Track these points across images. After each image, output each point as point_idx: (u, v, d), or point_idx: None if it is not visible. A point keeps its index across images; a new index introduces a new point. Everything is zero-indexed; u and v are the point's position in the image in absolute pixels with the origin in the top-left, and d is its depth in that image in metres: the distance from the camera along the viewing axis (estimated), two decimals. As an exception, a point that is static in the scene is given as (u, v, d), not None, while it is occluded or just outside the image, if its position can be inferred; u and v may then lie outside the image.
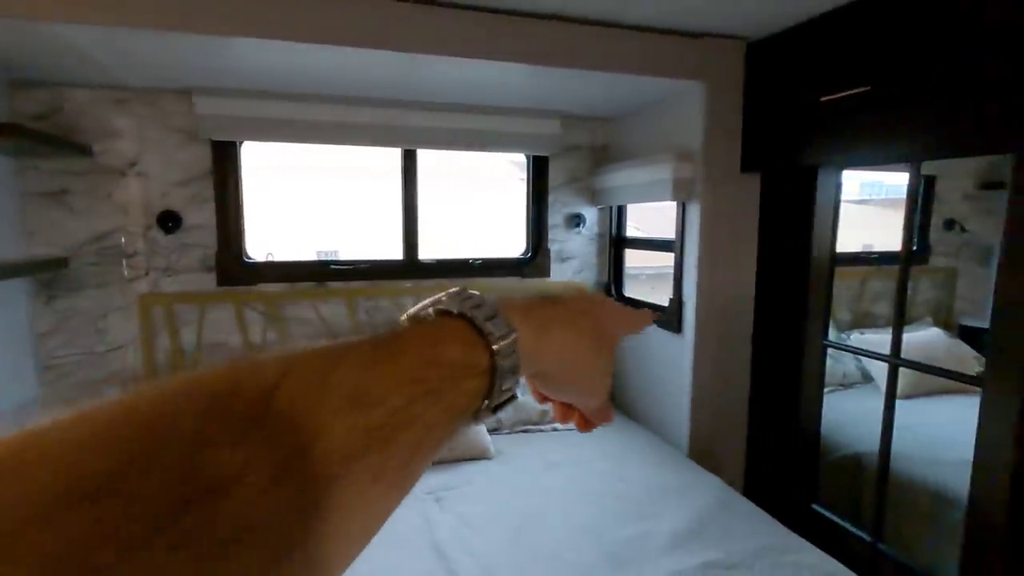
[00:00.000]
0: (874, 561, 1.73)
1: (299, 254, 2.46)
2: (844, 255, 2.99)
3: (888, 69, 1.57)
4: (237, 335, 2.29)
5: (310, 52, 1.67)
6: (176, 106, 2.12)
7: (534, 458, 2.05)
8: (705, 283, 2.13)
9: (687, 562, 1.43)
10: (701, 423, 2.19)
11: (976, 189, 3.63)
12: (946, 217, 3.61)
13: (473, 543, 1.52)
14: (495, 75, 1.97)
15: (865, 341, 2.95)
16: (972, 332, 3.53)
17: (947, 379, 2.64)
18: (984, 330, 3.53)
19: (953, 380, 2.55)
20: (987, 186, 3.60)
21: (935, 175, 3.47)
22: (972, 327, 3.59)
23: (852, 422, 2.44)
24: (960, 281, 3.71)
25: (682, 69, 2.00)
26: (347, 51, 1.65)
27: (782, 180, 2.12)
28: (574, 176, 2.73)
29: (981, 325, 3.50)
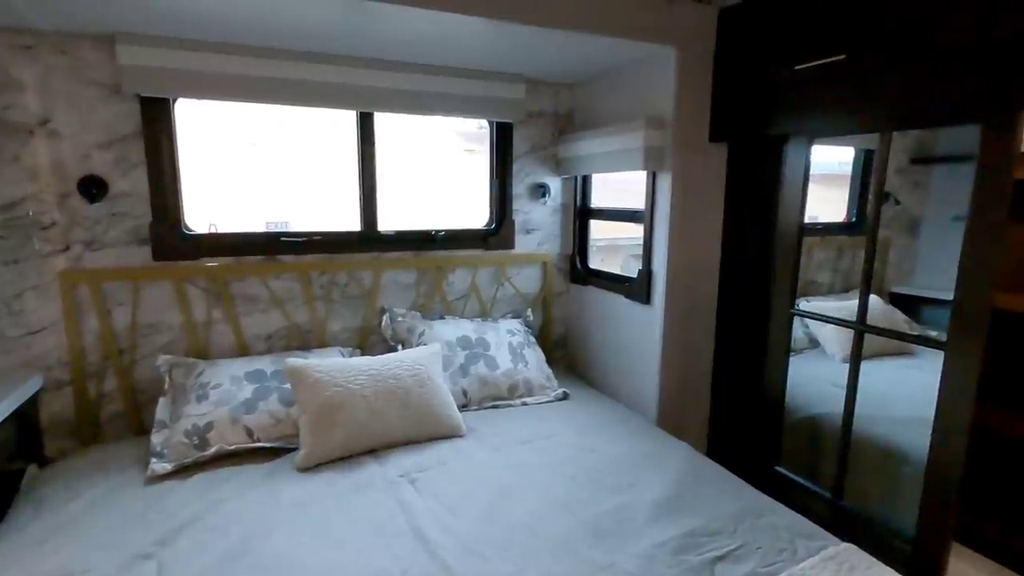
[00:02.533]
0: (836, 517, 1.82)
1: (246, 226, 2.25)
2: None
3: (864, 38, 1.57)
4: (178, 314, 2.09)
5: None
6: (95, 55, 1.86)
7: (505, 434, 2.00)
8: (675, 254, 2.12)
9: (670, 531, 1.43)
10: (669, 392, 2.22)
11: (908, 163, 3.83)
12: (880, 190, 3.79)
13: (452, 523, 1.46)
14: (455, 30, 1.84)
15: (812, 308, 3.08)
16: (902, 299, 3.76)
17: (896, 342, 2.81)
18: (912, 297, 3.79)
19: (916, 344, 2.72)
20: (916, 160, 3.81)
21: (873, 149, 3.63)
22: (901, 294, 3.83)
23: (804, 386, 2.54)
24: (891, 251, 3.94)
25: (654, 32, 1.94)
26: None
27: (750, 150, 2.12)
28: (538, 144, 2.64)
29: (909, 292, 3.74)
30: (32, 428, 1.89)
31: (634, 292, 2.31)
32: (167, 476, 1.68)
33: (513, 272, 2.69)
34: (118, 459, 1.80)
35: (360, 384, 1.88)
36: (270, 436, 1.85)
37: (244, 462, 1.77)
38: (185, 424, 1.80)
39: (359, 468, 1.75)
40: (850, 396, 1.78)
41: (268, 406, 1.88)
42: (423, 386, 1.97)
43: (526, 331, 2.54)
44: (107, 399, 2.03)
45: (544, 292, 2.77)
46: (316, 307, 2.29)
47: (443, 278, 2.53)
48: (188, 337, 2.11)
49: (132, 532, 1.41)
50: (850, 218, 3.79)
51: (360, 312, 2.38)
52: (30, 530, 1.42)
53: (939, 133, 3.67)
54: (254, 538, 1.39)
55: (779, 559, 1.33)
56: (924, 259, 3.89)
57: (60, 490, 1.61)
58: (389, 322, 2.36)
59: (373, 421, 1.84)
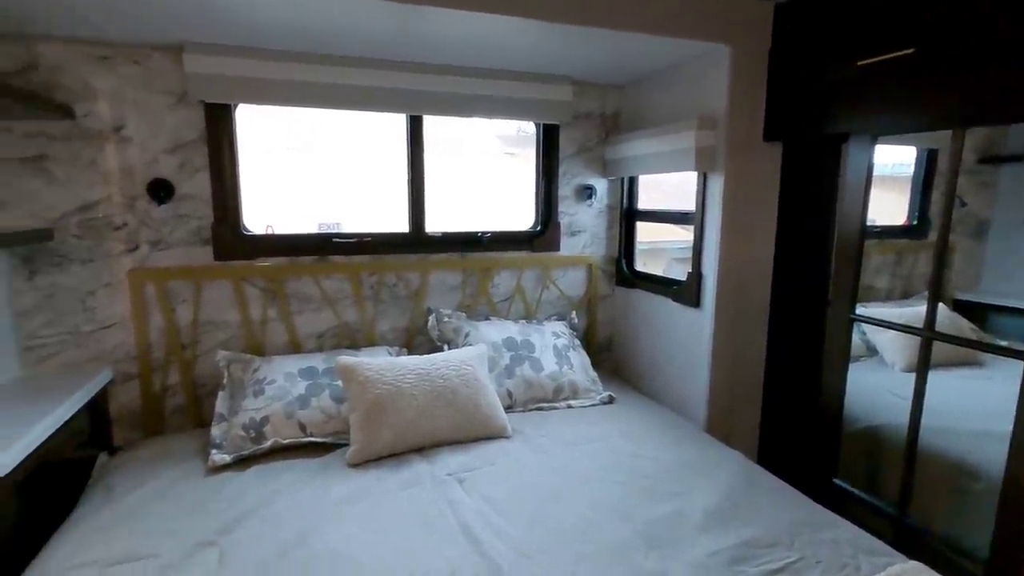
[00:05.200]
0: (900, 534, 1.73)
1: (300, 227, 2.31)
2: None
3: (935, 31, 1.50)
4: (236, 312, 2.17)
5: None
6: (165, 64, 1.95)
7: (551, 436, 1.99)
8: (726, 256, 2.07)
9: (724, 541, 1.40)
10: (718, 398, 2.16)
11: (975, 163, 3.63)
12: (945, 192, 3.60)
13: (501, 525, 1.46)
14: (503, 33, 1.85)
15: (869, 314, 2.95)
16: (967, 306, 3.56)
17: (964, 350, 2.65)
18: (977, 304, 3.58)
19: (989, 352, 2.57)
20: (984, 160, 3.60)
21: (937, 148, 3.46)
22: (966, 301, 3.62)
23: (861, 395, 2.44)
24: (956, 255, 3.73)
25: (707, 31, 1.91)
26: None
27: (806, 150, 2.05)
28: (584, 146, 2.63)
29: (975, 299, 3.53)
30: (103, 418, 2.00)
31: (683, 295, 2.26)
32: (226, 467, 1.74)
33: (558, 274, 2.68)
34: (181, 449, 1.88)
35: (409, 383, 1.90)
36: (322, 432, 1.90)
37: (297, 456, 1.82)
38: (243, 418, 1.86)
39: (407, 466, 1.77)
40: (916, 407, 1.69)
41: (320, 402, 1.93)
42: (470, 386, 1.98)
43: (571, 334, 2.52)
44: (170, 392, 2.13)
45: (589, 295, 2.75)
46: (365, 307, 2.34)
47: (488, 280, 2.55)
48: (245, 334, 2.19)
49: (195, 520, 1.47)
50: (911, 221, 3.62)
51: (407, 312, 2.42)
52: (103, 515, 1.50)
53: (1010, 131, 3.47)
54: (308, 531, 1.43)
55: (842, 575, 1.28)
56: (992, 264, 3.67)
57: (129, 478, 1.69)
58: (435, 322, 2.38)
59: (421, 420, 1.86)
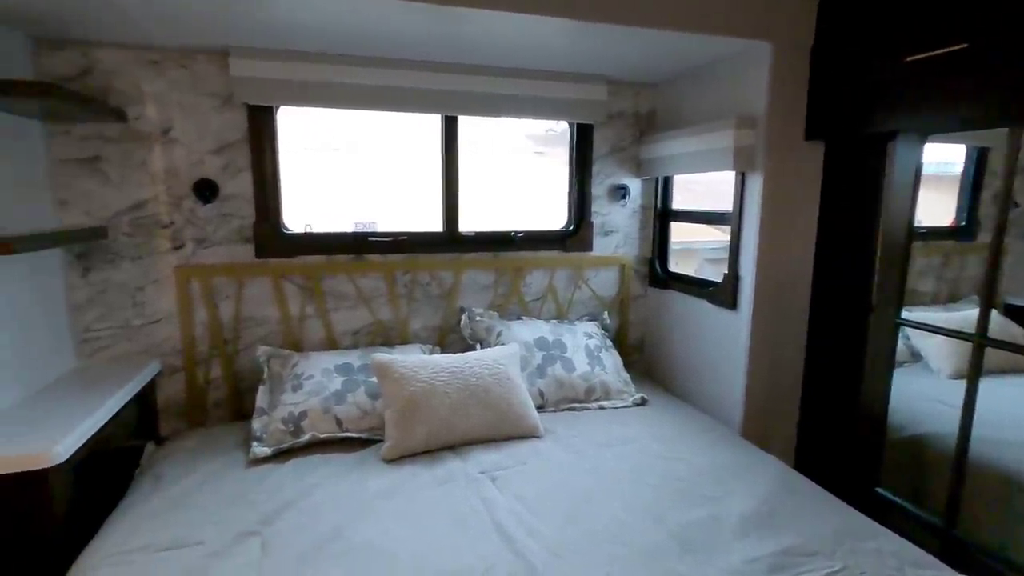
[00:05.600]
0: (947, 547, 1.67)
1: (337, 226, 2.36)
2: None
3: (989, 24, 1.44)
4: (275, 308, 2.23)
5: (346, 3, 1.56)
6: (210, 68, 2.02)
7: (583, 437, 1.99)
8: (764, 257, 2.03)
9: (763, 548, 1.37)
10: (754, 401, 2.12)
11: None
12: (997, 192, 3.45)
13: (535, 524, 1.47)
14: (540, 34, 1.85)
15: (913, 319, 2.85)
16: (1017, 310, 3.40)
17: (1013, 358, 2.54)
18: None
19: None
20: (1040, 158, 3.42)
21: (988, 147, 3.31)
22: (1017, 305, 3.47)
23: (905, 402, 2.36)
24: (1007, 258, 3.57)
25: (748, 28, 1.87)
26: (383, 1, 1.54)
27: (849, 149, 2.00)
28: (618, 145, 2.61)
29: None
30: (150, 409, 2.08)
31: (719, 297, 2.23)
32: (266, 460, 1.79)
33: (590, 274, 2.67)
34: (223, 441, 1.94)
35: (442, 381, 1.92)
36: (358, 427, 1.93)
37: (334, 450, 1.86)
38: (282, 412, 1.91)
39: (441, 463, 1.79)
40: (966, 415, 1.63)
41: (356, 398, 1.97)
42: (502, 385, 1.99)
43: (603, 334, 2.51)
44: (213, 385, 2.20)
45: (621, 295, 2.73)
46: (400, 305, 2.38)
47: (521, 279, 2.55)
48: (284, 330, 2.25)
49: (237, 509, 1.52)
50: (958, 222, 3.48)
51: (440, 311, 2.45)
52: (152, 503, 1.56)
53: (1068, 127, 3.30)
54: (345, 524, 1.46)
55: (886, 587, 1.24)
56: (1047, 268, 3.50)
57: (175, 467, 1.76)
58: (468, 321, 2.40)
59: (454, 417, 1.88)
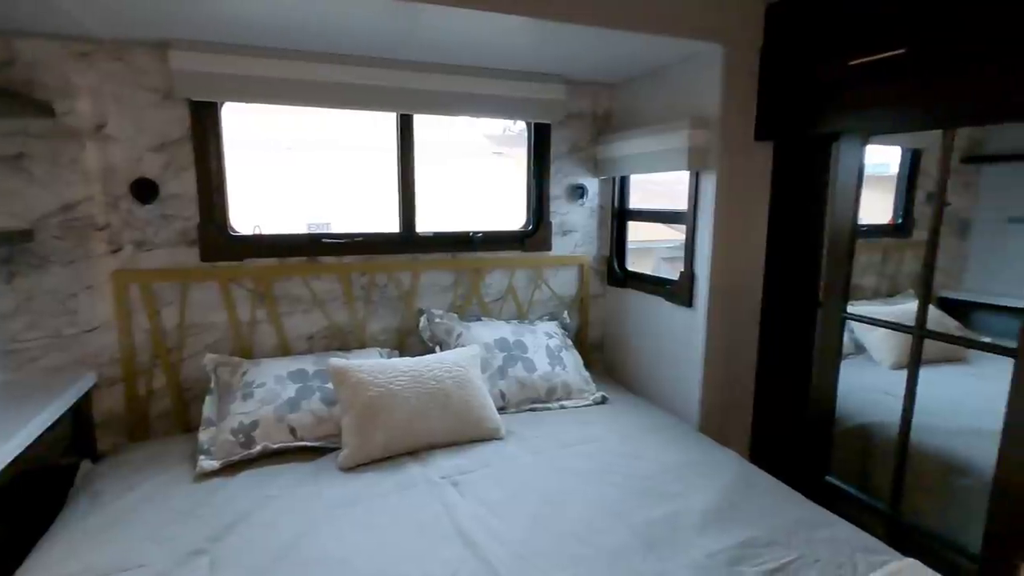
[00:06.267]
0: (892, 531, 1.75)
1: (288, 227, 2.28)
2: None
3: (926, 31, 1.51)
4: (223, 314, 2.12)
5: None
6: (149, 61, 1.91)
7: (546, 438, 1.98)
8: (718, 255, 2.08)
9: (723, 541, 1.39)
10: (712, 397, 2.17)
11: (958, 163, 3.68)
12: (929, 191, 3.65)
13: (498, 528, 1.45)
14: (497, 32, 1.83)
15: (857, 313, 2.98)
16: (950, 303, 3.61)
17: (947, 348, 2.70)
18: (961, 301, 3.63)
19: (984, 351, 2.61)
20: (967, 160, 3.66)
21: (922, 148, 3.51)
22: (950, 299, 3.68)
23: (851, 393, 2.46)
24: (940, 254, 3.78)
25: (700, 30, 1.91)
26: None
27: (797, 149, 2.06)
28: (576, 145, 2.62)
29: (959, 297, 3.59)
30: (86, 424, 1.95)
31: (676, 295, 2.26)
32: (215, 473, 1.71)
33: (550, 274, 2.67)
34: (167, 455, 1.84)
35: (402, 385, 1.88)
36: (314, 435, 1.86)
37: (289, 460, 1.79)
38: (231, 422, 1.82)
39: (401, 469, 1.75)
40: (908, 405, 1.71)
41: (311, 405, 1.90)
42: (463, 388, 1.96)
43: (563, 334, 2.51)
44: (156, 396, 2.08)
45: (581, 294, 2.75)
46: (356, 308, 2.31)
47: (480, 280, 2.53)
48: (233, 336, 2.15)
49: (184, 527, 1.44)
50: (896, 220, 3.67)
51: (399, 313, 2.39)
52: (89, 522, 1.46)
53: (991, 131, 3.52)
54: (302, 536, 1.40)
55: (839, 573, 1.28)
56: (975, 262, 3.72)
57: (115, 484, 1.65)
58: (427, 323, 2.36)
59: (414, 422, 1.84)
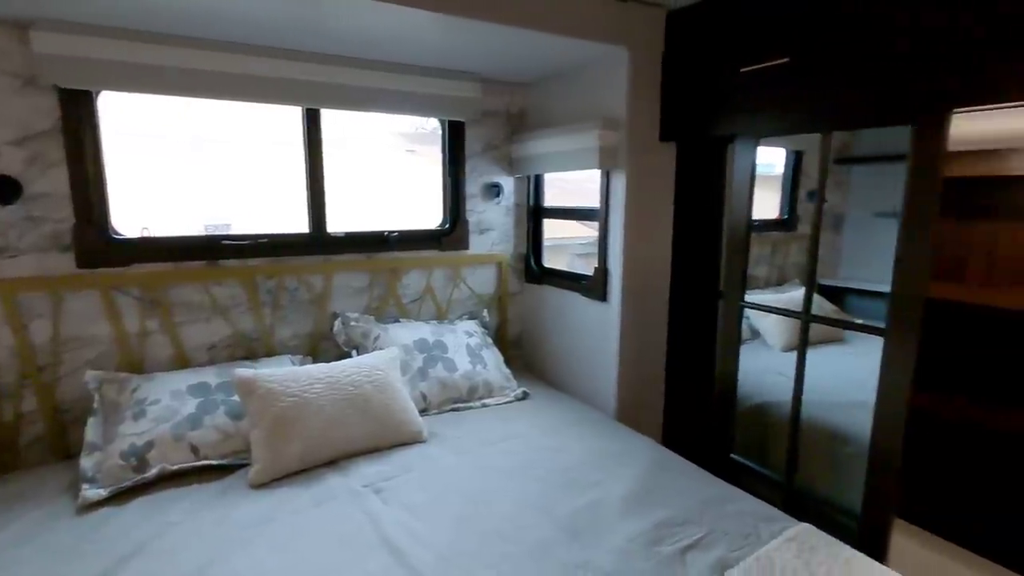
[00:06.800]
0: (788, 500, 1.91)
1: (183, 229, 2.09)
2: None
3: (805, 43, 1.66)
4: (107, 325, 1.91)
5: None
6: (6, 42, 1.67)
7: (469, 437, 1.97)
8: (630, 251, 2.17)
9: (641, 524, 1.46)
10: (627, 387, 2.26)
11: (832, 164, 4.08)
12: (809, 189, 4.04)
13: (424, 533, 1.42)
14: (405, 26, 1.79)
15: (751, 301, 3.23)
16: (828, 290, 4.02)
17: (831, 330, 2.99)
18: (837, 288, 4.06)
19: (861, 332, 2.90)
20: (840, 161, 4.08)
21: (803, 150, 3.87)
22: (828, 285, 4.09)
23: (749, 375, 2.66)
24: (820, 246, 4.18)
25: (606, 33, 1.97)
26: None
27: (697, 150, 2.20)
28: (491, 144, 2.62)
29: (835, 284, 4.01)
30: (-64, 459, 1.68)
31: (590, 290, 2.34)
32: (103, 503, 1.53)
33: (468, 273, 2.66)
34: (43, 487, 1.63)
35: (316, 392, 1.79)
36: (219, 453, 1.73)
37: (191, 482, 1.64)
38: (120, 445, 1.65)
39: (319, 481, 1.67)
40: (798, 383, 1.88)
41: (215, 421, 1.76)
42: (383, 392, 1.90)
43: (483, 332, 2.52)
44: (26, 421, 1.83)
45: (500, 292, 2.76)
46: (263, 314, 2.17)
47: (397, 280, 2.47)
48: (120, 350, 1.94)
49: (68, 566, 1.28)
50: (782, 215, 4.02)
51: (311, 317, 2.28)
52: (-58, 575, 1.26)
53: (858, 135, 3.95)
54: (211, 563, 1.29)
55: (745, 543, 1.38)
56: (848, 253, 4.17)
57: (-24, 527, 1.43)
58: (342, 327, 2.27)
59: (332, 431, 1.76)
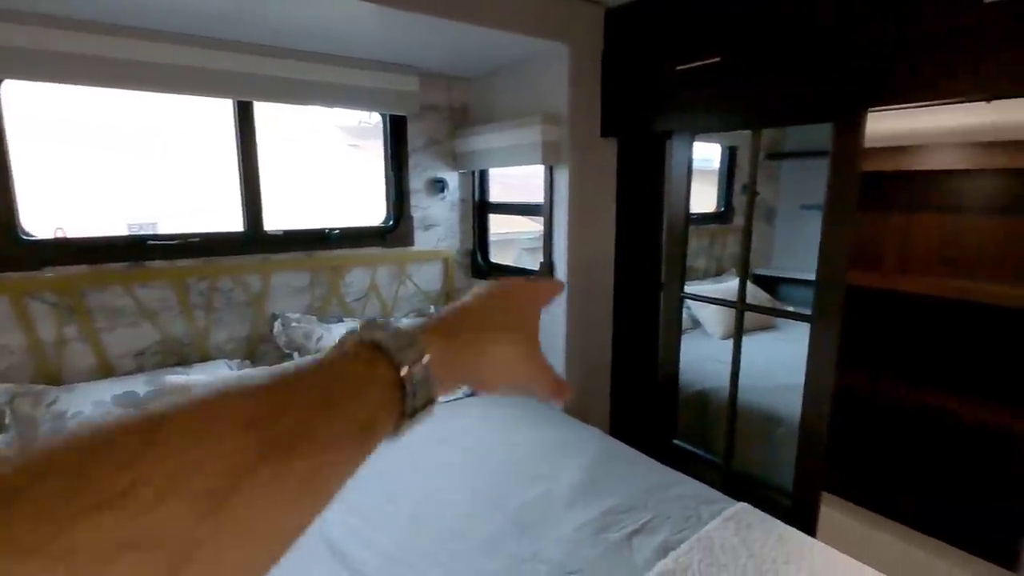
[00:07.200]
0: (728, 482, 2.00)
1: (103, 229, 1.96)
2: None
3: (735, 42, 1.72)
4: (18, 334, 1.77)
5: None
6: None
7: (420, 435, 1.90)
8: (574, 245, 2.19)
9: (589, 514, 1.49)
10: (574, 379, 2.29)
11: (764, 159, 4.30)
12: (744, 183, 4.22)
13: (373, 536, 1.40)
14: (342, 17, 1.74)
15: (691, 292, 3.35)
16: (763, 279, 4.23)
17: (763, 318, 3.14)
18: (771, 277, 4.27)
19: (788, 319, 3.03)
20: (772, 156, 4.29)
21: (736, 146, 4.04)
22: (762, 275, 4.30)
23: (690, 363, 2.77)
24: (753, 237, 4.39)
25: (546, 29, 1.98)
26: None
27: (638, 145, 2.25)
28: (434, 138, 2.59)
29: (768, 273, 4.22)
30: None
31: (537, 284, 2.35)
32: (18, 526, 1.42)
33: (414, 269, 2.63)
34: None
35: (255, 398, 1.72)
36: (150, 465, 1.63)
37: (119, 498, 1.54)
38: (38, 463, 1.53)
39: (260, 489, 1.60)
40: (735, 370, 1.96)
41: (144, 432, 1.66)
42: (327, 394, 1.85)
43: (431, 329, 2.49)
44: (-75, 443, 1.67)
45: (446, 288, 2.74)
46: (195, 316, 2.06)
47: (340, 278, 2.40)
48: (34, 360, 1.80)
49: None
50: (719, 208, 4.19)
51: (248, 319, 2.19)
52: None
53: (788, 131, 4.17)
54: None
55: (687, 526, 1.43)
56: (779, 244, 4.40)
57: None
58: (282, 328, 2.19)
59: (273, 437, 1.69)
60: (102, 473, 0.21)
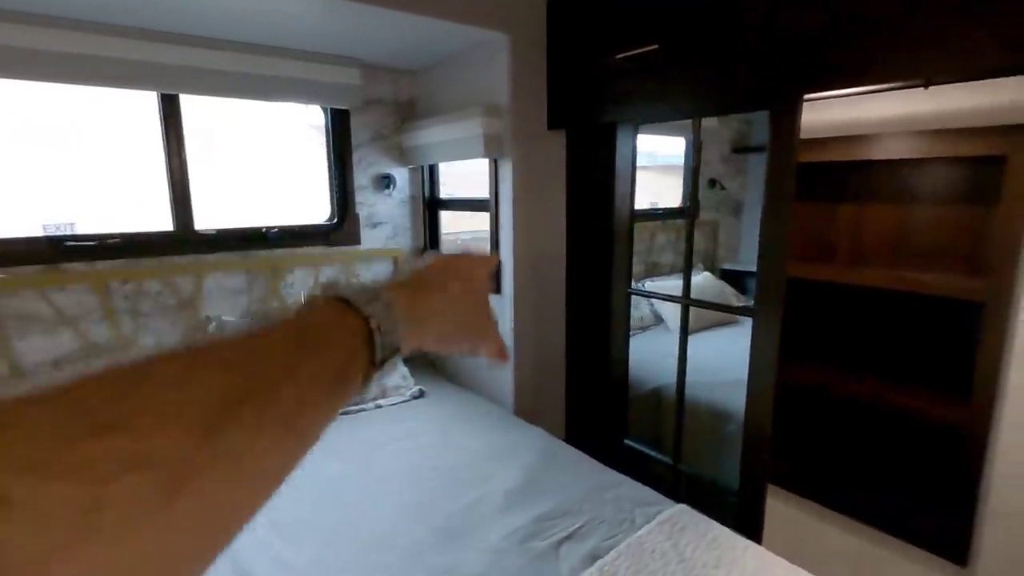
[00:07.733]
0: (676, 481, 1.95)
1: (13, 229, 1.86)
2: (638, 212, 3.32)
3: (673, 30, 1.67)
4: (-81, 344, 1.66)
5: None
6: None
7: (357, 441, 1.87)
8: (521, 242, 2.13)
9: (519, 520, 1.43)
10: (524, 380, 2.23)
11: (730, 153, 4.27)
12: (709, 177, 4.19)
13: (288, 555, 1.31)
14: (277, 5, 1.66)
15: (655, 288, 3.31)
16: (730, 274, 4.20)
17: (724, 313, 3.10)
18: (737, 272, 4.24)
19: (731, 313, 3.00)
20: (737, 150, 4.26)
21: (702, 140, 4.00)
22: (729, 270, 4.28)
23: (649, 360, 2.72)
24: (720, 232, 4.37)
25: (486, 18, 1.91)
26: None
27: (585, 137, 2.19)
28: (380, 133, 2.51)
29: (736, 268, 4.19)
30: None
31: (485, 282, 2.28)
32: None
33: (362, 269, 2.54)
34: None
35: (175, 406, 1.63)
36: (58, 480, 1.54)
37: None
38: (-68, 481, 1.42)
39: (177, 503, 1.52)
40: (681, 366, 1.91)
41: (55, 445, 1.56)
42: (256, 400, 1.76)
43: (379, 330, 2.41)
44: None
45: (398, 288, 2.65)
46: (120, 322, 1.96)
47: (280, 280, 2.31)
48: (-62, 371, 1.69)
49: None
50: (684, 204, 4.16)
51: (179, 324, 2.09)
52: None
53: (754, 125, 4.14)
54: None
55: (619, 530, 1.38)
56: (747, 238, 4.37)
57: None
58: (217, 333, 2.09)
59: (194, 446, 1.61)
60: (101, 402, 0.22)
